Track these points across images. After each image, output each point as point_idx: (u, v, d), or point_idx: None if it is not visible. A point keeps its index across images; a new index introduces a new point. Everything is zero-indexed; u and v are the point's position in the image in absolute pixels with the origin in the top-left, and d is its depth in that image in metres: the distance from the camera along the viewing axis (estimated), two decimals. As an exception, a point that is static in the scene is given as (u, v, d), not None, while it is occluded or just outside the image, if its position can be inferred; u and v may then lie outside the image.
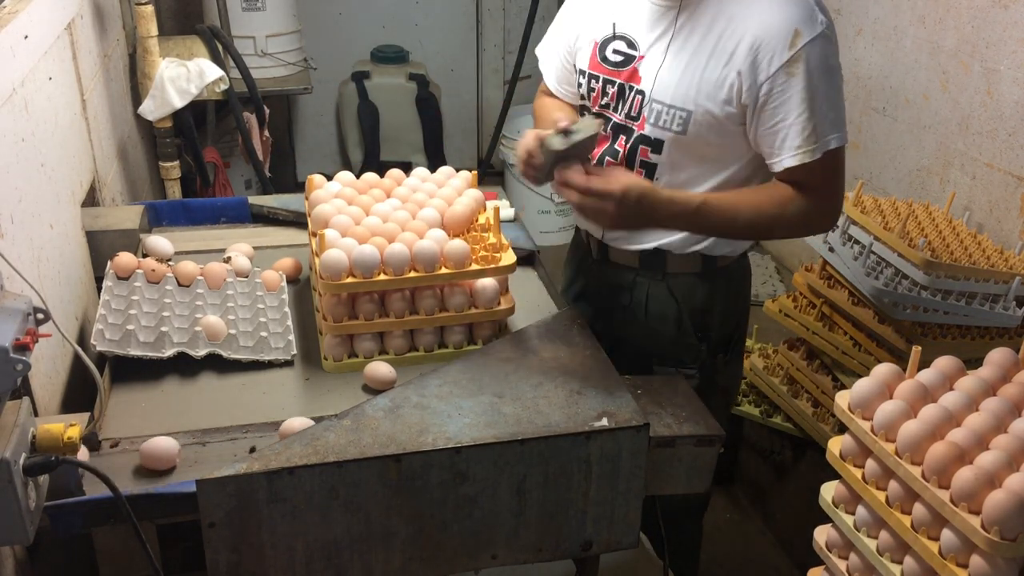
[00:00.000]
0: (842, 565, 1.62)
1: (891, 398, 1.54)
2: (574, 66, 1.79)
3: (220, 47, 3.13)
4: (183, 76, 2.82)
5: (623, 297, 1.82)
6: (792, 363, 2.56)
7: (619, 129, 1.71)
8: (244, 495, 1.27)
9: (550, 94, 1.89)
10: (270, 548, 1.32)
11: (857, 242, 2.36)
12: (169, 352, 1.56)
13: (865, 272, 2.24)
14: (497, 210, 1.75)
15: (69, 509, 1.25)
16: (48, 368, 1.54)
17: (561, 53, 1.82)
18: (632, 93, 1.68)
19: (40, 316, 1.21)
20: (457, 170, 1.97)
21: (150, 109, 2.79)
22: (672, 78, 1.62)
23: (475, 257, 1.64)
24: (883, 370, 1.60)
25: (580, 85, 1.77)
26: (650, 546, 1.94)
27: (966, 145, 2.73)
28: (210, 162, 3.27)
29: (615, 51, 1.70)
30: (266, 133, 3.39)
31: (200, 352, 1.58)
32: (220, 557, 1.31)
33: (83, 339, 1.74)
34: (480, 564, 1.44)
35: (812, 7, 1.55)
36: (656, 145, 1.66)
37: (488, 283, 1.65)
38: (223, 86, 2.92)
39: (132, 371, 1.56)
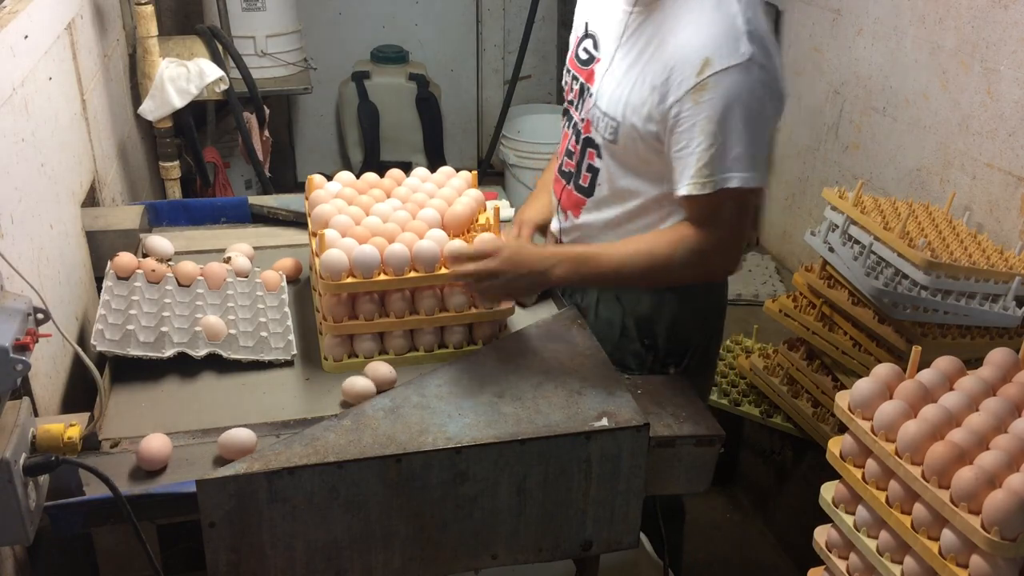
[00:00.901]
0: (842, 565, 1.62)
1: (891, 398, 1.54)
2: None
3: (220, 47, 3.13)
4: (183, 76, 2.82)
5: (575, 297, 1.85)
6: (792, 363, 2.56)
7: (575, 129, 1.73)
8: (244, 495, 1.27)
9: None
10: (270, 548, 1.32)
11: (857, 242, 2.35)
12: (169, 352, 1.56)
13: (865, 272, 2.24)
14: (497, 210, 1.75)
15: (69, 509, 1.26)
16: (48, 368, 1.54)
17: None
18: (586, 94, 1.69)
19: (40, 316, 1.21)
20: (457, 170, 1.97)
21: (150, 109, 2.79)
22: (610, 86, 1.61)
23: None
24: (883, 370, 1.60)
25: (565, 83, 1.80)
26: (650, 546, 1.94)
27: (966, 145, 2.73)
28: (210, 162, 3.27)
29: (584, 49, 1.72)
30: (266, 133, 3.39)
31: (200, 352, 1.58)
32: (220, 557, 1.31)
33: (83, 339, 1.74)
34: (480, 564, 1.44)
35: (738, 36, 1.47)
36: (599, 150, 1.67)
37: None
38: (223, 86, 2.92)
39: (132, 371, 1.56)
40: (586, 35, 1.72)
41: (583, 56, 1.72)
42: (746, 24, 1.47)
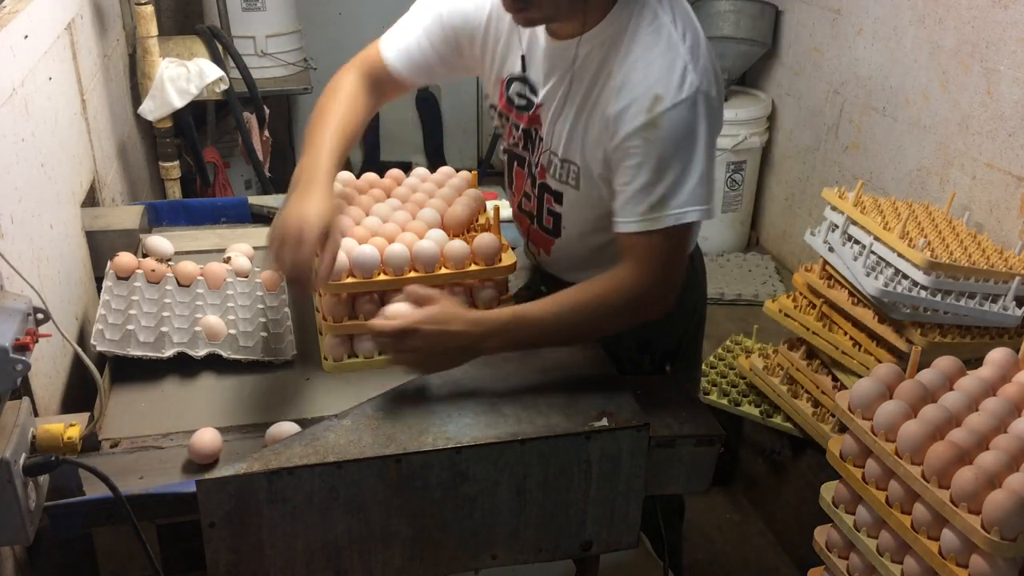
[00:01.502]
0: (842, 565, 1.62)
1: (891, 398, 1.54)
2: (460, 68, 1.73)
3: (220, 47, 3.13)
4: (183, 76, 2.83)
5: None
6: (792, 363, 2.56)
7: (529, 172, 1.69)
8: (244, 495, 1.27)
9: (375, 71, 1.71)
10: (270, 548, 1.32)
11: (857, 242, 2.36)
12: (169, 352, 1.56)
13: (865, 272, 2.24)
14: (497, 210, 1.75)
15: (69, 509, 1.26)
16: (48, 368, 1.54)
17: (424, 39, 1.68)
18: (536, 138, 1.64)
19: (40, 316, 1.21)
20: (457, 170, 1.97)
21: (150, 109, 2.79)
22: (563, 131, 1.57)
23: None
24: (883, 370, 1.61)
25: (493, 118, 1.74)
26: (650, 546, 1.94)
27: (966, 145, 2.73)
28: (210, 162, 3.27)
29: (518, 94, 1.64)
30: (266, 133, 3.40)
31: (200, 352, 1.58)
32: (220, 557, 1.31)
33: (83, 339, 1.74)
34: (480, 564, 1.44)
35: (684, 70, 1.43)
36: (558, 196, 1.64)
37: (488, 283, 1.65)
38: (223, 86, 2.92)
39: (132, 371, 1.56)
40: (517, 78, 1.63)
41: (519, 101, 1.64)
42: (688, 53, 1.45)
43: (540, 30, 1.57)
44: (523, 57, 1.61)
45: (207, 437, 1.39)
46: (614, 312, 1.49)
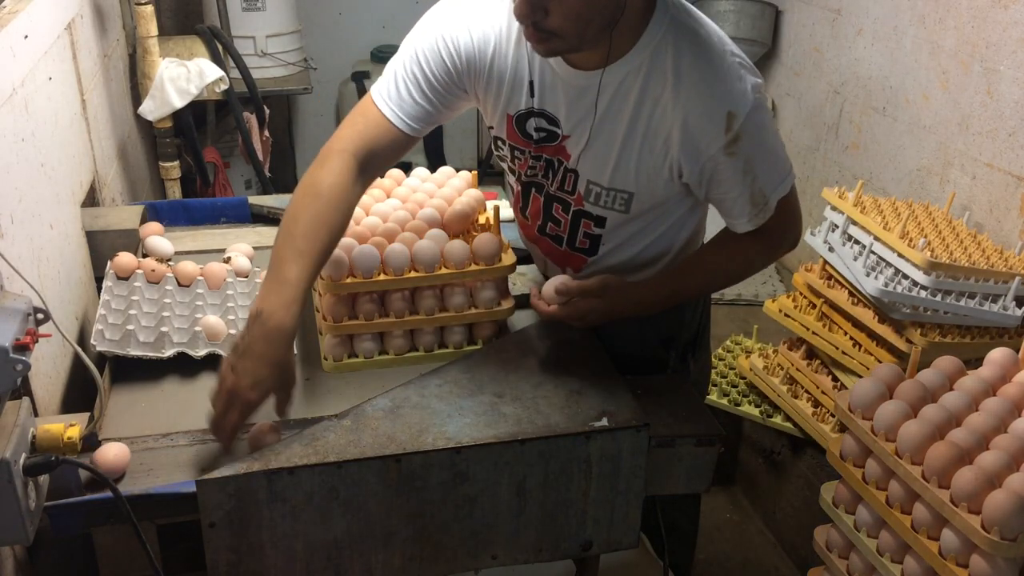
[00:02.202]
0: (842, 565, 1.62)
1: (891, 398, 1.54)
2: (450, 106, 1.63)
3: (220, 47, 3.13)
4: (183, 76, 2.83)
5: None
6: (792, 363, 2.56)
7: (553, 199, 1.68)
8: (244, 495, 1.27)
9: (360, 146, 1.56)
10: (270, 548, 1.32)
11: (857, 242, 2.36)
12: (169, 352, 1.56)
13: (865, 272, 2.24)
14: (497, 210, 1.75)
15: (69, 509, 1.25)
16: (48, 368, 1.54)
17: (419, 91, 1.57)
18: (561, 168, 1.62)
19: (40, 316, 1.21)
20: (457, 170, 1.97)
21: (150, 109, 2.79)
22: (607, 162, 1.55)
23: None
24: (883, 370, 1.61)
25: (499, 149, 1.70)
26: (650, 546, 1.94)
27: (966, 145, 2.73)
28: (210, 162, 3.27)
29: (536, 128, 1.59)
30: (266, 133, 3.40)
31: (200, 352, 1.58)
32: (220, 557, 1.31)
33: (83, 339, 1.74)
34: (480, 564, 1.44)
35: (740, 77, 1.47)
36: (599, 221, 1.65)
37: (488, 283, 1.65)
38: (223, 86, 2.92)
39: (132, 371, 1.56)
40: (533, 112, 1.58)
41: (537, 135, 1.60)
42: (732, 56, 1.49)
43: (554, 60, 1.53)
44: (531, 84, 1.56)
45: (111, 453, 1.32)
46: (757, 264, 1.72)
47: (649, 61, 1.48)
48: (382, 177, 1.86)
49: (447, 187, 1.86)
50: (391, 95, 1.57)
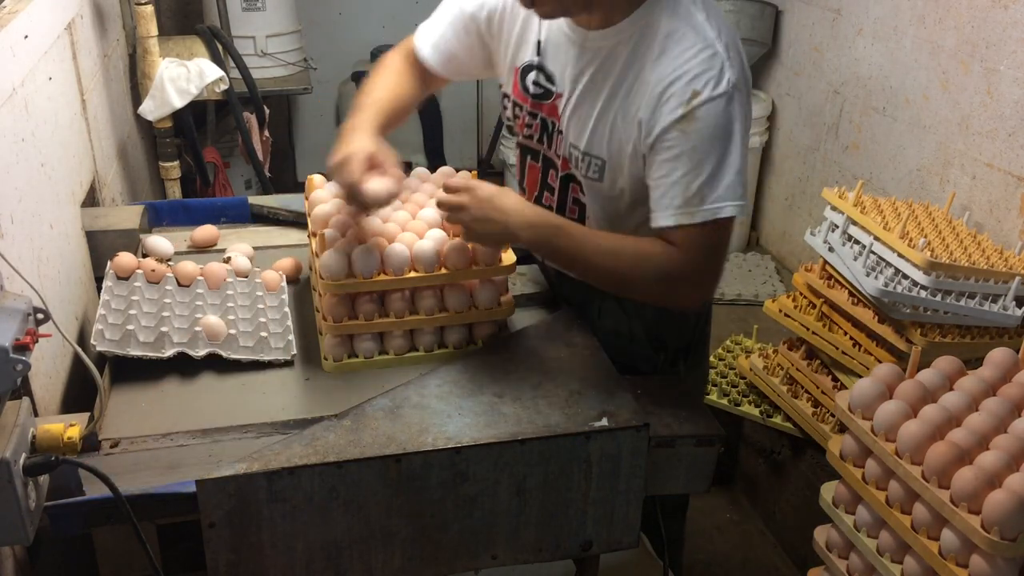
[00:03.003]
0: (842, 565, 1.62)
1: (891, 398, 1.54)
2: (482, 62, 1.77)
3: (220, 47, 3.13)
4: (183, 76, 2.83)
5: (578, 310, 1.80)
6: (792, 363, 2.56)
7: (548, 163, 1.71)
8: (244, 495, 1.28)
9: (406, 62, 1.81)
10: (270, 548, 1.32)
11: (857, 242, 2.36)
12: (169, 352, 1.56)
13: (865, 272, 2.24)
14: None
15: (69, 509, 1.25)
16: (48, 368, 1.54)
17: (452, 33, 1.76)
18: (554, 130, 1.65)
19: (40, 316, 1.21)
20: (457, 170, 1.97)
21: (150, 109, 2.79)
22: (586, 125, 1.57)
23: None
24: (883, 370, 1.61)
25: (505, 107, 1.75)
26: (650, 546, 1.94)
27: (966, 145, 2.73)
28: (210, 162, 3.27)
29: (535, 83, 1.65)
30: (266, 133, 3.40)
31: (200, 352, 1.58)
32: (220, 557, 1.31)
33: (83, 339, 1.74)
34: (480, 564, 1.44)
35: (721, 65, 1.45)
36: (581, 185, 1.66)
37: (488, 283, 1.65)
38: (223, 86, 2.92)
39: (132, 371, 1.56)
40: (534, 67, 1.64)
41: (535, 90, 1.65)
42: (724, 50, 1.46)
43: (562, 20, 1.58)
44: (539, 43, 1.62)
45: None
46: (647, 278, 1.52)
47: (640, 32, 1.50)
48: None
49: (447, 187, 1.86)
50: (426, 33, 1.82)
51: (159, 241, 1.89)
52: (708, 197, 1.45)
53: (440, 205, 1.57)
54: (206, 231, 1.97)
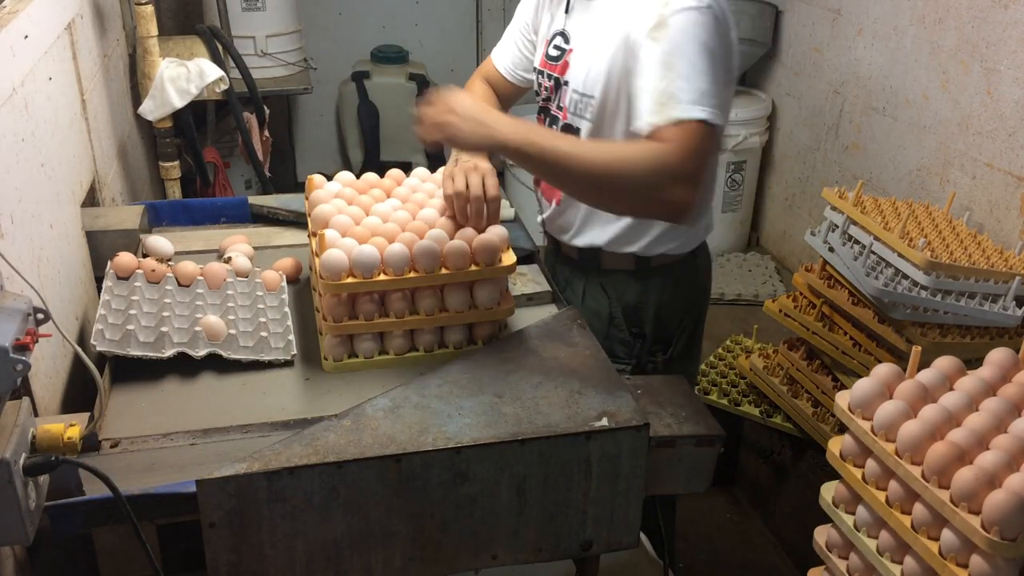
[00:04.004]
0: (842, 565, 1.62)
1: (891, 398, 1.54)
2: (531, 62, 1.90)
3: (220, 47, 3.13)
4: (183, 76, 2.82)
5: (566, 291, 1.91)
6: (792, 363, 2.56)
7: (552, 119, 1.80)
8: (244, 495, 1.27)
9: (491, 79, 1.97)
10: (270, 548, 1.32)
11: (857, 242, 2.36)
12: (169, 352, 1.56)
13: (865, 272, 2.24)
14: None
15: (69, 509, 1.25)
16: (48, 368, 1.54)
17: (518, 39, 1.92)
18: (561, 85, 1.76)
19: (40, 316, 1.21)
20: (457, 170, 1.96)
21: (150, 109, 2.79)
22: (582, 68, 1.68)
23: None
24: (883, 370, 1.60)
25: (538, 84, 1.85)
26: (650, 546, 1.94)
27: (966, 145, 2.73)
28: (210, 162, 3.27)
29: (555, 47, 1.77)
30: (266, 133, 3.39)
31: (200, 352, 1.58)
32: (220, 557, 1.31)
33: (83, 339, 1.74)
34: (480, 564, 1.44)
35: None
36: (576, 133, 1.73)
37: (488, 283, 1.65)
38: (223, 86, 2.92)
39: (132, 371, 1.56)
40: (557, 33, 1.77)
41: (554, 53, 1.77)
42: None
43: None
44: (568, 4, 1.74)
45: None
46: (635, 172, 1.45)
47: None
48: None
49: (447, 187, 1.86)
50: (500, 50, 1.97)
51: (159, 241, 1.89)
52: (682, 99, 1.46)
53: (424, 120, 1.53)
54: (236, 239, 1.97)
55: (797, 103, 3.72)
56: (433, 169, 1.97)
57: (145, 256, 1.86)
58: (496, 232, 1.66)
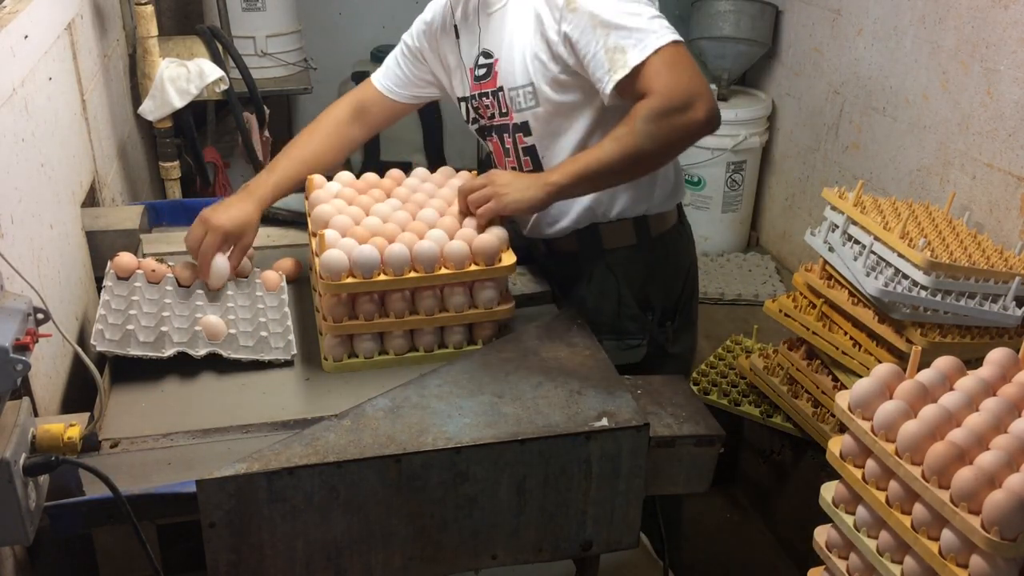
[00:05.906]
0: (842, 565, 1.62)
1: (891, 398, 1.54)
2: (431, 83, 1.98)
3: (220, 47, 3.13)
4: (183, 76, 2.82)
5: (569, 285, 1.92)
6: (792, 363, 2.56)
7: (499, 130, 1.84)
8: (244, 495, 1.28)
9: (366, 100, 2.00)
10: (270, 548, 1.32)
11: (857, 242, 2.35)
12: (169, 352, 1.56)
13: (865, 272, 2.24)
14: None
15: (69, 509, 1.26)
16: (48, 368, 1.54)
17: (400, 60, 1.98)
18: (499, 92, 1.79)
19: (40, 316, 1.21)
20: (457, 170, 1.97)
21: (150, 109, 2.79)
22: (513, 63, 1.73)
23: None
24: (883, 370, 1.60)
25: (466, 112, 1.91)
26: (650, 546, 1.94)
27: (966, 145, 2.72)
28: (210, 162, 3.27)
29: (481, 66, 1.81)
30: (266, 133, 3.39)
31: (200, 352, 1.58)
32: (220, 557, 1.31)
33: (83, 339, 1.74)
34: (480, 564, 1.44)
35: None
36: (525, 128, 1.78)
37: (488, 283, 1.65)
38: (223, 86, 2.92)
39: (132, 371, 1.56)
40: (480, 54, 1.81)
41: (481, 72, 1.81)
42: None
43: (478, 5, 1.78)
44: (479, 30, 1.78)
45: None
46: (645, 134, 1.56)
47: None
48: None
49: (447, 187, 1.86)
50: (382, 68, 2.01)
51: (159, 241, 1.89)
52: (628, 47, 1.56)
53: (469, 197, 1.67)
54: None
55: (797, 103, 3.72)
56: (433, 169, 1.97)
57: (145, 256, 1.86)
58: (496, 232, 1.66)
